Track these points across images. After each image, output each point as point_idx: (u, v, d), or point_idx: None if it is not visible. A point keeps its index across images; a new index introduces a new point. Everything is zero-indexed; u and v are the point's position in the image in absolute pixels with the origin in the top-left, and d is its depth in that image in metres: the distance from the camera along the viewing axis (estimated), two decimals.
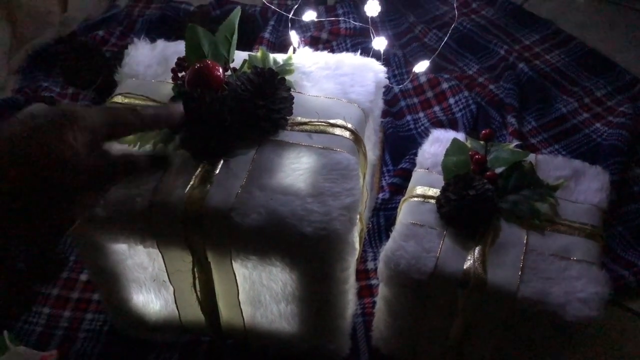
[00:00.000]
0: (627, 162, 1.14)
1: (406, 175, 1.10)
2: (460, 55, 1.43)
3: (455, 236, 0.74)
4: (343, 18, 1.44)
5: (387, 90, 1.29)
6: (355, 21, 1.38)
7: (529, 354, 0.74)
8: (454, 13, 1.10)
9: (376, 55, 0.95)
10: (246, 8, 1.51)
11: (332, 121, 0.78)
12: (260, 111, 0.75)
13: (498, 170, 0.79)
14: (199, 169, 0.73)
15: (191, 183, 0.71)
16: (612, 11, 1.55)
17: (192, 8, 1.58)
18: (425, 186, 0.80)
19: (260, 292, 0.77)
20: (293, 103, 0.79)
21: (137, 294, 0.82)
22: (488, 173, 0.78)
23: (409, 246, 0.73)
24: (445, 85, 1.29)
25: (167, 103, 0.73)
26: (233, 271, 0.73)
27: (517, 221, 0.76)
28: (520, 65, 1.36)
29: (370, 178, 0.95)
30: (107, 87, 1.27)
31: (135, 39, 0.90)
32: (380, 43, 1.09)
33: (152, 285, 0.80)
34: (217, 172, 0.73)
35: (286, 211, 0.68)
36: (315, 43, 1.40)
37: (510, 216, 0.76)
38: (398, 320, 0.78)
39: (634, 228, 1.04)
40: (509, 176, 0.79)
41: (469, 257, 0.72)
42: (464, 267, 0.71)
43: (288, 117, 0.78)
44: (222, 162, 0.74)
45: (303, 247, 0.68)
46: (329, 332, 0.81)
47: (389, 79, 0.89)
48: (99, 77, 1.33)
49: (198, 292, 0.77)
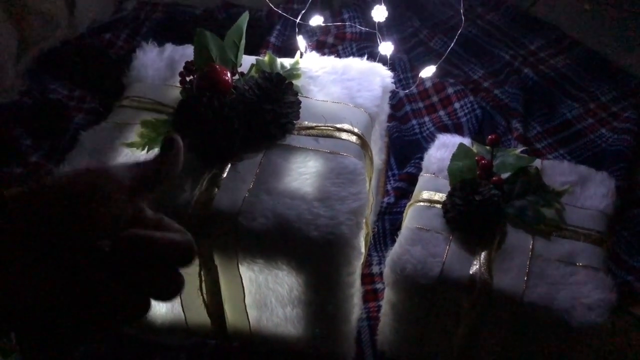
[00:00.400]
0: (632, 168, 1.14)
1: (411, 179, 1.10)
2: (465, 60, 1.43)
3: (461, 241, 0.74)
4: (349, 23, 1.45)
5: (393, 94, 1.29)
6: (361, 26, 1.38)
7: (535, 359, 0.74)
8: (460, 18, 1.10)
9: (382, 60, 0.95)
10: (252, 12, 1.52)
11: (339, 125, 0.78)
12: (267, 115, 0.76)
13: (504, 175, 0.79)
14: (207, 173, 0.73)
15: (199, 186, 0.72)
16: (617, 16, 1.55)
17: (199, 12, 1.59)
18: (431, 191, 0.80)
19: (266, 296, 0.77)
20: (300, 107, 0.79)
21: None
22: (494, 178, 0.78)
23: (415, 251, 0.73)
24: (450, 90, 1.30)
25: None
26: (239, 274, 0.74)
27: (523, 226, 0.76)
28: (525, 70, 1.36)
29: (376, 182, 0.96)
30: (115, 91, 1.27)
31: (143, 43, 0.91)
32: (386, 48, 1.09)
33: None
34: (225, 176, 0.73)
35: (293, 215, 0.69)
36: (321, 47, 1.40)
37: (516, 221, 0.76)
38: (403, 324, 0.79)
39: (639, 233, 1.04)
40: (515, 181, 0.79)
41: (475, 262, 0.72)
42: (470, 272, 0.71)
43: (295, 122, 0.79)
44: (230, 166, 0.74)
45: (309, 251, 0.68)
46: (335, 336, 0.81)
47: (395, 84, 0.90)
48: (107, 80, 1.34)
49: (204, 295, 0.77)
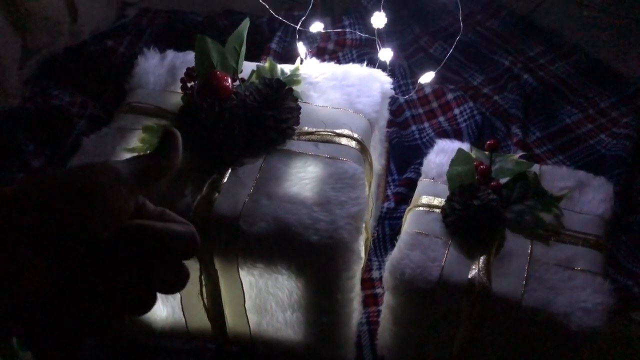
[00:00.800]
0: (631, 173, 1.14)
1: (411, 184, 1.11)
2: (465, 66, 1.44)
3: (460, 245, 0.75)
4: (349, 29, 1.46)
5: (393, 100, 1.30)
6: (361, 32, 1.39)
7: None
8: (459, 24, 1.11)
9: (382, 66, 0.96)
10: (253, 19, 1.53)
11: (339, 131, 0.79)
12: (268, 121, 0.76)
13: (502, 180, 0.80)
14: (207, 177, 0.74)
15: (199, 191, 0.72)
16: (617, 22, 1.56)
17: (200, 18, 1.60)
18: (430, 196, 0.81)
19: (266, 300, 0.77)
20: (300, 113, 0.80)
21: None
22: (493, 183, 0.79)
23: (415, 255, 0.73)
24: (450, 95, 1.30)
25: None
26: (240, 279, 0.74)
27: (522, 231, 0.76)
28: (524, 76, 1.36)
29: (375, 187, 0.96)
30: (117, 96, 1.28)
31: (145, 49, 0.91)
32: (386, 54, 1.10)
33: None
34: (225, 181, 0.74)
35: (293, 219, 0.69)
36: (321, 54, 1.41)
37: (514, 226, 0.76)
38: (403, 329, 0.79)
39: (638, 238, 1.04)
40: (514, 186, 0.80)
41: (474, 267, 0.72)
42: (469, 277, 0.71)
43: (295, 127, 0.79)
44: (230, 171, 0.75)
45: (309, 255, 0.69)
46: (334, 341, 0.81)
47: (394, 90, 0.90)
48: (109, 87, 1.35)
49: (205, 300, 0.78)
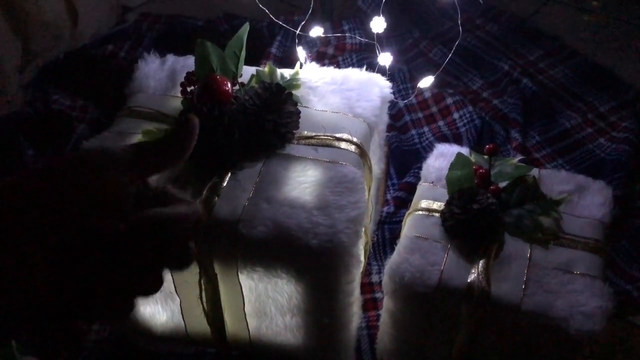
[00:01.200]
0: (631, 177, 1.15)
1: (410, 189, 1.11)
2: (464, 70, 1.44)
3: (459, 249, 0.75)
4: (349, 34, 1.46)
5: (392, 105, 1.30)
6: (360, 37, 1.39)
7: None
8: (459, 29, 1.11)
9: (381, 70, 0.96)
10: (253, 23, 1.53)
11: (338, 135, 0.79)
12: (267, 125, 0.77)
13: (502, 184, 0.80)
14: (207, 182, 0.74)
15: (199, 195, 0.72)
16: (615, 27, 1.56)
17: (200, 23, 1.60)
18: (429, 200, 0.81)
19: (265, 304, 0.77)
20: (300, 117, 0.80)
21: (144, 305, 0.82)
22: (492, 187, 0.79)
23: (414, 259, 0.73)
24: (449, 100, 1.30)
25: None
26: (239, 283, 0.74)
27: (521, 235, 0.76)
28: (524, 80, 1.37)
29: (375, 191, 0.96)
30: (117, 101, 1.28)
31: (145, 54, 0.92)
32: (385, 59, 1.10)
33: (159, 296, 0.81)
34: (225, 185, 0.74)
35: (292, 223, 0.69)
36: (321, 58, 1.41)
37: (513, 230, 0.77)
38: (402, 333, 0.79)
39: (638, 242, 1.04)
40: (513, 190, 0.80)
41: (473, 271, 0.72)
42: (468, 281, 0.71)
43: (295, 131, 0.79)
44: (230, 175, 0.75)
45: (309, 259, 0.69)
46: (334, 345, 0.81)
47: (394, 94, 0.91)
48: (109, 91, 1.35)
49: (204, 304, 0.78)
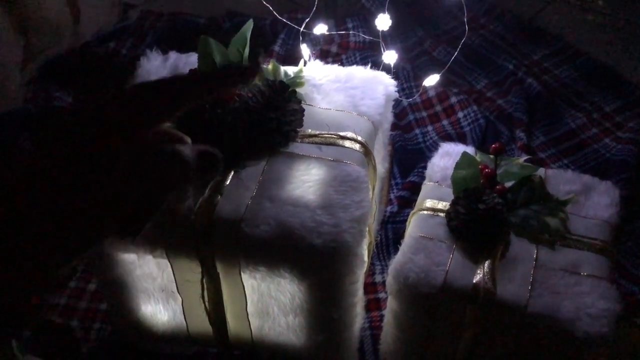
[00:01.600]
0: (637, 178, 1.14)
1: (414, 188, 1.10)
2: (469, 69, 1.43)
3: (464, 250, 0.74)
4: (353, 32, 1.45)
5: (396, 103, 1.29)
6: (365, 35, 1.38)
7: None
8: (463, 28, 1.10)
9: (386, 68, 0.95)
10: (257, 21, 1.52)
11: (342, 134, 0.78)
12: (271, 123, 0.76)
13: (508, 184, 0.79)
14: (210, 180, 0.73)
15: (201, 193, 0.72)
16: (620, 27, 1.55)
17: (203, 20, 1.60)
18: (434, 199, 0.80)
19: (268, 304, 0.77)
20: (303, 115, 0.79)
21: (146, 304, 0.82)
22: (498, 187, 0.78)
23: (419, 259, 0.73)
24: (454, 99, 1.30)
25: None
26: (242, 282, 0.73)
27: (527, 236, 0.75)
28: (528, 80, 1.36)
29: (379, 191, 0.95)
30: None
31: (147, 51, 0.91)
32: (390, 57, 1.09)
33: (161, 295, 0.80)
34: (228, 183, 0.73)
35: (296, 223, 0.68)
36: (325, 56, 1.41)
37: (520, 230, 0.76)
38: (406, 333, 0.78)
39: None
40: (519, 190, 0.79)
41: (479, 271, 0.71)
42: (474, 281, 0.71)
43: (298, 129, 0.79)
44: (233, 173, 0.74)
45: (312, 259, 0.68)
46: (337, 345, 0.80)
47: (398, 93, 0.90)
48: (111, 88, 1.34)
49: (206, 303, 0.77)
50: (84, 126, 0.34)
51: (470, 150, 0.85)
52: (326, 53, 1.41)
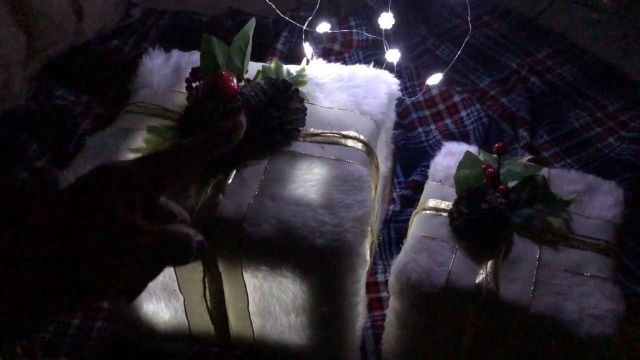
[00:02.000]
0: None
1: (417, 187, 1.10)
2: (472, 68, 1.43)
3: (467, 250, 0.73)
4: (356, 30, 1.45)
5: (399, 102, 1.29)
6: (367, 33, 1.38)
7: None
8: (466, 26, 1.10)
9: (389, 67, 0.95)
10: (259, 19, 1.52)
11: (345, 132, 0.78)
12: (273, 122, 0.75)
13: (511, 184, 0.79)
14: (212, 179, 0.73)
15: (203, 192, 0.72)
16: (624, 25, 1.54)
17: (206, 19, 1.59)
18: (437, 199, 0.80)
19: (270, 303, 0.77)
20: (306, 114, 0.79)
21: (147, 303, 0.82)
22: (501, 187, 0.78)
23: (421, 259, 0.72)
24: (457, 98, 1.29)
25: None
26: (243, 281, 0.73)
27: (530, 236, 0.75)
28: (532, 78, 1.35)
29: (381, 190, 0.95)
30: (121, 97, 1.28)
31: (149, 49, 0.91)
32: (393, 55, 1.09)
33: (163, 294, 0.80)
34: (230, 182, 0.73)
35: (298, 222, 0.68)
36: (327, 55, 1.40)
37: (523, 230, 0.75)
38: (408, 333, 0.78)
39: None
40: (522, 190, 0.78)
41: (481, 271, 0.71)
42: (476, 281, 0.70)
43: (301, 128, 0.78)
44: (235, 172, 0.74)
45: (314, 259, 0.68)
46: (339, 345, 0.80)
47: (401, 91, 0.89)
48: (113, 86, 1.34)
49: (208, 302, 0.77)
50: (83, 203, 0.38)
51: (473, 149, 0.85)
52: (329, 51, 1.41)
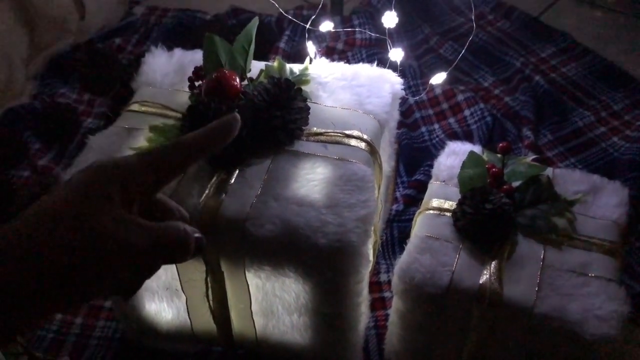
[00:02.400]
0: None
1: (420, 187, 1.09)
2: (475, 67, 1.42)
3: (471, 250, 0.73)
4: (359, 29, 1.44)
5: (402, 101, 1.28)
6: (371, 32, 1.37)
7: None
8: (470, 25, 1.09)
9: (392, 66, 0.94)
10: (262, 17, 1.52)
11: (348, 132, 0.78)
12: (276, 121, 0.75)
13: (515, 183, 0.78)
14: (214, 178, 0.73)
15: (206, 192, 0.71)
16: (629, 24, 1.54)
17: (208, 17, 1.59)
18: (441, 199, 0.79)
19: (272, 303, 0.76)
20: (309, 113, 0.79)
21: (150, 303, 0.81)
22: (505, 187, 0.77)
23: (424, 259, 0.72)
24: (460, 97, 1.29)
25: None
26: (246, 281, 0.73)
27: (534, 236, 0.75)
28: (536, 77, 1.35)
29: (384, 189, 0.95)
30: (124, 95, 1.28)
31: (152, 47, 0.90)
32: (396, 54, 1.08)
33: (165, 293, 0.80)
34: (232, 182, 0.73)
35: (301, 222, 0.68)
36: (330, 53, 1.40)
37: (527, 231, 0.75)
38: (411, 334, 0.77)
39: None
40: (526, 190, 0.78)
41: (485, 272, 0.71)
42: (480, 282, 0.70)
43: (304, 128, 0.78)
44: (238, 172, 0.74)
45: (317, 259, 0.68)
46: (341, 345, 0.80)
47: (404, 90, 0.89)
48: (116, 85, 1.34)
49: (211, 302, 0.77)
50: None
51: (477, 149, 0.84)
52: (332, 50, 1.41)
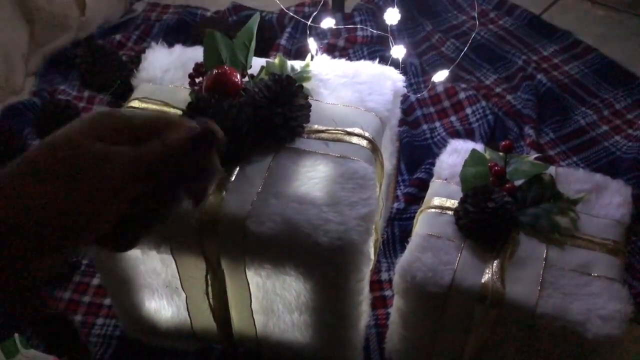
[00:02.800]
0: None
1: (422, 185, 1.09)
2: (477, 65, 1.42)
3: (473, 249, 0.73)
4: (360, 26, 1.44)
5: (404, 99, 1.28)
6: (372, 29, 1.37)
7: None
8: (472, 22, 1.08)
9: (394, 63, 0.94)
10: (263, 14, 1.51)
11: (350, 129, 0.77)
12: (277, 118, 0.75)
13: (517, 182, 0.78)
14: None
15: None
16: (632, 23, 1.53)
17: (209, 13, 1.59)
18: (442, 197, 0.79)
19: (273, 301, 0.76)
20: (310, 111, 0.78)
21: (150, 300, 0.81)
22: (507, 185, 0.77)
23: (426, 258, 0.71)
24: (462, 95, 1.28)
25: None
26: (247, 279, 0.73)
27: (537, 235, 0.74)
28: (538, 76, 1.34)
29: (386, 187, 0.94)
30: (124, 91, 1.27)
31: (153, 44, 0.90)
32: (398, 51, 1.08)
33: (165, 291, 0.79)
34: (233, 179, 0.72)
35: (302, 220, 0.67)
36: (331, 51, 1.39)
37: (529, 230, 0.74)
38: (412, 333, 0.77)
39: None
40: (529, 189, 0.77)
41: (487, 271, 0.70)
42: (482, 281, 0.69)
43: (305, 125, 0.77)
44: (238, 169, 0.73)
45: (318, 257, 0.67)
46: (342, 343, 0.79)
47: (406, 88, 0.88)
48: (116, 81, 1.33)
49: (211, 300, 0.76)
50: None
51: (479, 147, 0.84)
52: (333, 47, 1.40)
